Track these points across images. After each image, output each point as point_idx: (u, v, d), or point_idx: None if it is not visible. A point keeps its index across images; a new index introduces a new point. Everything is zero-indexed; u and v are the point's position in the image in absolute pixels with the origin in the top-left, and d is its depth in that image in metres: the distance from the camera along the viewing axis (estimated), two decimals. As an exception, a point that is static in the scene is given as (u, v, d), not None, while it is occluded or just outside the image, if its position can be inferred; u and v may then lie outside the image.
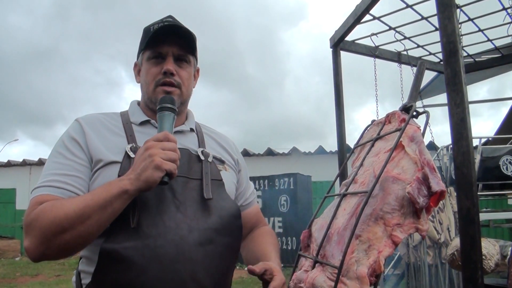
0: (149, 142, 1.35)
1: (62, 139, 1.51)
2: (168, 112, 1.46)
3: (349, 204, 1.39)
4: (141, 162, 1.31)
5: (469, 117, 1.52)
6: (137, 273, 1.32)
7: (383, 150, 1.48)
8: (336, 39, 3.40)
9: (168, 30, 1.56)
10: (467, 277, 1.47)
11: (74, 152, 1.45)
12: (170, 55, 1.58)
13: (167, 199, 1.43)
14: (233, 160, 1.77)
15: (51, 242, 1.26)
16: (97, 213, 1.27)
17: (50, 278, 11.00)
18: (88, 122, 1.54)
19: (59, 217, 1.25)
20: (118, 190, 1.28)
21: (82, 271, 1.44)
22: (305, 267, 1.43)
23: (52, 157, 1.47)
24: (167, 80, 1.56)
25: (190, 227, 1.42)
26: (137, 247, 1.33)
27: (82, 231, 1.26)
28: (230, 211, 1.56)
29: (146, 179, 1.28)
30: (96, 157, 1.45)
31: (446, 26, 1.60)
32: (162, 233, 1.37)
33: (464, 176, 1.50)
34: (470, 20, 3.25)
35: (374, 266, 1.15)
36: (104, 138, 1.50)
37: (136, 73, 1.70)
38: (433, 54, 3.96)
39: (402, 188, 1.23)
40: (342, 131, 3.40)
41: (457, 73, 1.55)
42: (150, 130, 1.59)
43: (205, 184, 1.52)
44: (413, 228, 1.18)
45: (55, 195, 1.36)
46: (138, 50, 1.68)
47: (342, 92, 3.42)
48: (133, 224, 1.34)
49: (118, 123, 1.59)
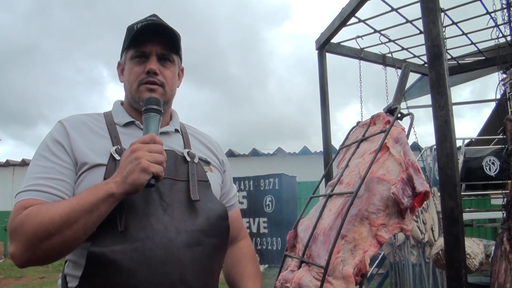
0: (135, 144, 1.33)
1: (45, 141, 1.48)
2: (154, 114, 1.45)
3: (335, 204, 1.41)
4: (127, 164, 1.30)
5: (453, 119, 1.54)
6: (126, 276, 1.31)
7: (368, 152, 1.50)
8: (322, 41, 3.42)
9: (151, 29, 1.55)
10: (451, 276, 1.49)
11: (58, 155, 1.43)
12: (153, 54, 1.57)
13: (154, 202, 1.42)
14: (218, 160, 1.77)
15: (37, 247, 1.24)
16: (83, 217, 1.25)
17: (34, 280, 10.89)
18: (72, 124, 1.52)
19: (44, 222, 1.23)
20: (104, 194, 1.27)
21: (68, 275, 1.43)
22: (291, 267, 1.44)
23: (36, 160, 1.45)
24: (150, 79, 1.55)
25: (177, 229, 1.42)
26: (125, 251, 1.32)
27: (68, 236, 1.25)
28: (218, 212, 1.56)
29: (133, 182, 1.28)
30: (81, 160, 1.43)
31: (430, 30, 1.63)
32: (150, 236, 1.36)
33: (448, 177, 1.52)
34: (454, 23, 3.29)
35: (359, 266, 1.17)
36: (89, 140, 1.48)
37: (120, 72, 1.69)
38: (417, 57, 3.99)
39: (387, 188, 1.25)
40: (328, 132, 3.41)
41: (441, 76, 1.57)
42: (134, 131, 1.58)
43: (191, 186, 1.51)
44: (398, 228, 1.20)
45: (40, 199, 1.34)
46: (121, 49, 1.67)
47: (328, 93, 3.45)
48: (120, 228, 1.33)
49: (102, 124, 1.57)
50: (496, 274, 1.61)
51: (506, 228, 1.64)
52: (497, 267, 1.61)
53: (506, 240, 1.61)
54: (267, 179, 12.06)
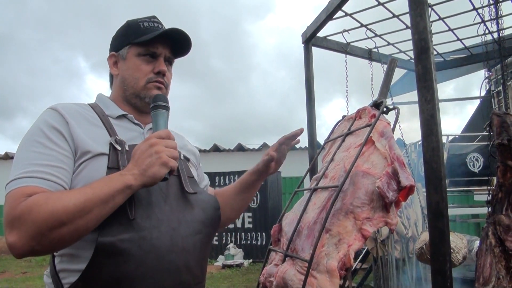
0: (152, 139, 1.37)
1: (40, 128, 1.41)
2: (163, 110, 1.50)
3: (319, 198, 1.40)
4: (146, 158, 1.33)
5: (439, 113, 1.54)
6: (135, 265, 1.32)
7: (354, 145, 1.49)
8: (308, 34, 3.41)
9: (167, 34, 1.61)
10: (436, 270, 1.49)
11: (57, 143, 1.38)
12: (162, 56, 1.63)
13: (156, 192, 1.45)
14: (194, 156, 1.83)
15: (44, 237, 1.20)
16: (98, 207, 1.25)
17: (16, 275, 10.80)
18: (68, 111, 1.48)
19: (57, 211, 1.20)
20: (122, 185, 1.29)
21: (63, 270, 1.38)
22: (275, 261, 1.43)
23: (31, 146, 1.37)
24: (160, 79, 1.61)
25: (178, 219, 1.46)
26: (134, 239, 1.33)
27: (80, 225, 1.23)
28: (211, 203, 1.62)
29: (153, 175, 1.32)
30: (82, 149, 1.40)
31: (418, 23, 1.62)
32: (156, 225, 1.39)
33: (433, 171, 1.52)
34: (440, 19, 3.29)
35: (344, 260, 1.16)
36: (87, 129, 1.46)
37: (112, 64, 1.68)
38: (404, 52, 4.01)
39: (372, 182, 1.24)
40: (313, 126, 3.41)
41: (428, 70, 1.57)
42: (127, 124, 1.60)
43: (183, 180, 1.56)
44: (383, 222, 1.20)
45: (43, 187, 1.29)
46: (119, 41, 1.66)
47: (313, 87, 3.44)
48: (132, 216, 1.35)
49: (93, 114, 1.55)
50: (481, 268, 1.61)
51: (491, 222, 1.65)
52: (482, 261, 1.62)
53: (491, 234, 1.62)
54: (252, 174, 12.11)
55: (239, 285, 8.68)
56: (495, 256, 1.60)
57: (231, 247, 11.73)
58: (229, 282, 9.02)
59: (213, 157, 16.63)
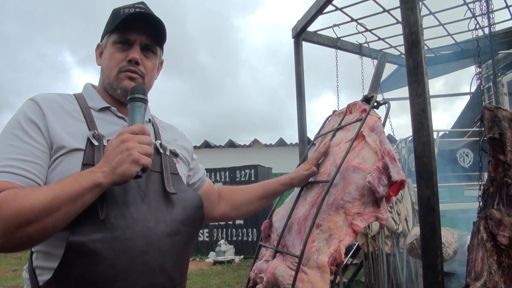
0: (124, 134, 1.30)
1: (17, 119, 1.37)
2: (140, 103, 1.42)
3: (310, 194, 1.39)
4: (117, 155, 1.26)
5: (429, 107, 1.53)
6: (106, 266, 1.27)
7: (344, 140, 1.48)
8: (298, 29, 3.40)
9: (139, 17, 1.51)
10: (427, 264, 1.49)
11: (32, 136, 1.34)
12: (137, 43, 1.53)
13: (133, 190, 1.39)
14: (186, 150, 1.75)
15: (12, 235, 1.16)
16: (66, 206, 1.20)
17: (6, 273, 10.72)
18: (47, 103, 1.43)
19: (24, 208, 1.16)
20: (91, 183, 1.23)
21: (38, 267, 1.36)
22: (266, 257, 1.43)
23: (6, 139, 1.34)
24: (131, 68, 1.51)
25: (156, 218, 1.40)
26: (106, 240, 1.28)
27: (48, 224, 1.19)
28: (193, 202, 1.55)
29: (123, 173, 1.25)
30: (57, 143, 1.35)
31: (408, 16, 1.61)
32: (130, 225, 1.33)
33: (425, 165, 1.51)
34: (431, 14, 3.29)
35: (334, 255, 1.15)
36: (65, 123, 1.41)
37: (98, 55, 1.63)
38: (394, 47, 4.01)
39: (362, 177, 1.23)
40: (303, 121, 3.40)
41: (419, 64, 1.56)
42: (109, 117, 1.53)
43: (165, 178, 1.50)
44: (373, 217, 1.19)
45: (14, 182, 1.26)
46: (103, 31, 1.62)
47: (304, 82, 3.43)
48: (102, 216, 1.29)
49: (75, 106, 1.49)
50: (473, 263, 1.61)
51: (482, 216, 1.64)
52: (473, 255, 1.62)
53: (483, 229, 1.61)
54: (243, 170, 12.14)
55: (230, 281, 8.67)
56: (487, 250, 1.60)
57: (222, 244, 11.73)
58: (220, 279, 9.01)
59: (204, 153, 16.59)
